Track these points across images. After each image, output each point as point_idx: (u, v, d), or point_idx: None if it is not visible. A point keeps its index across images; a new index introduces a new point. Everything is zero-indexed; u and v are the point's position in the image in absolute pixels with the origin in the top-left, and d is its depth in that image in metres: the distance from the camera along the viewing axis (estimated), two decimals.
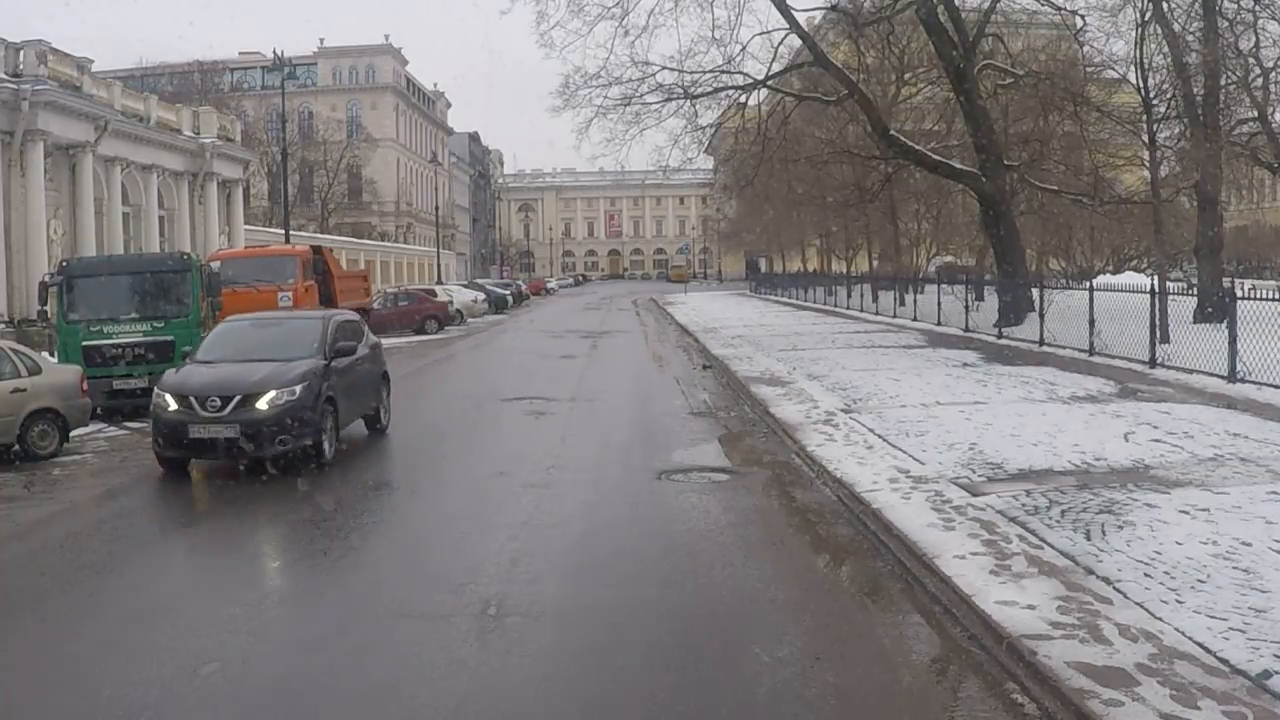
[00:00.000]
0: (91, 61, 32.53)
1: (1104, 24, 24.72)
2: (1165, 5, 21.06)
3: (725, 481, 10.27)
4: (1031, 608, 5.72)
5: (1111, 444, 10.19)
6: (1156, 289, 17.14)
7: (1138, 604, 5.73)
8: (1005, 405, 13.16)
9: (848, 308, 40.32)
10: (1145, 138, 21.89)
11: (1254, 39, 21.72)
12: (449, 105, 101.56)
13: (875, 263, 47.58)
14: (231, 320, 13.67)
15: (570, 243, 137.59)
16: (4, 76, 27.10)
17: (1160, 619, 5.49)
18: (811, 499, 9.39)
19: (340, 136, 69.99)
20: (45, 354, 15.70)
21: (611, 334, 33.69)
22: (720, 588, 6.98)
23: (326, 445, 11.29)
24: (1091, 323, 18.05)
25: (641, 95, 26.50)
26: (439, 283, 53.06)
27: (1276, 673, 4.78)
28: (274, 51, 39.53)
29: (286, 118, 45.31)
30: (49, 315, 17.39)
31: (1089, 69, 26.42)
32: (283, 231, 39.72)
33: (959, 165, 27.70)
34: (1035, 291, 22.17)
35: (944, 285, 29.06)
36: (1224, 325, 14.42)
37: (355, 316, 14.39)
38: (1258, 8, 21.19)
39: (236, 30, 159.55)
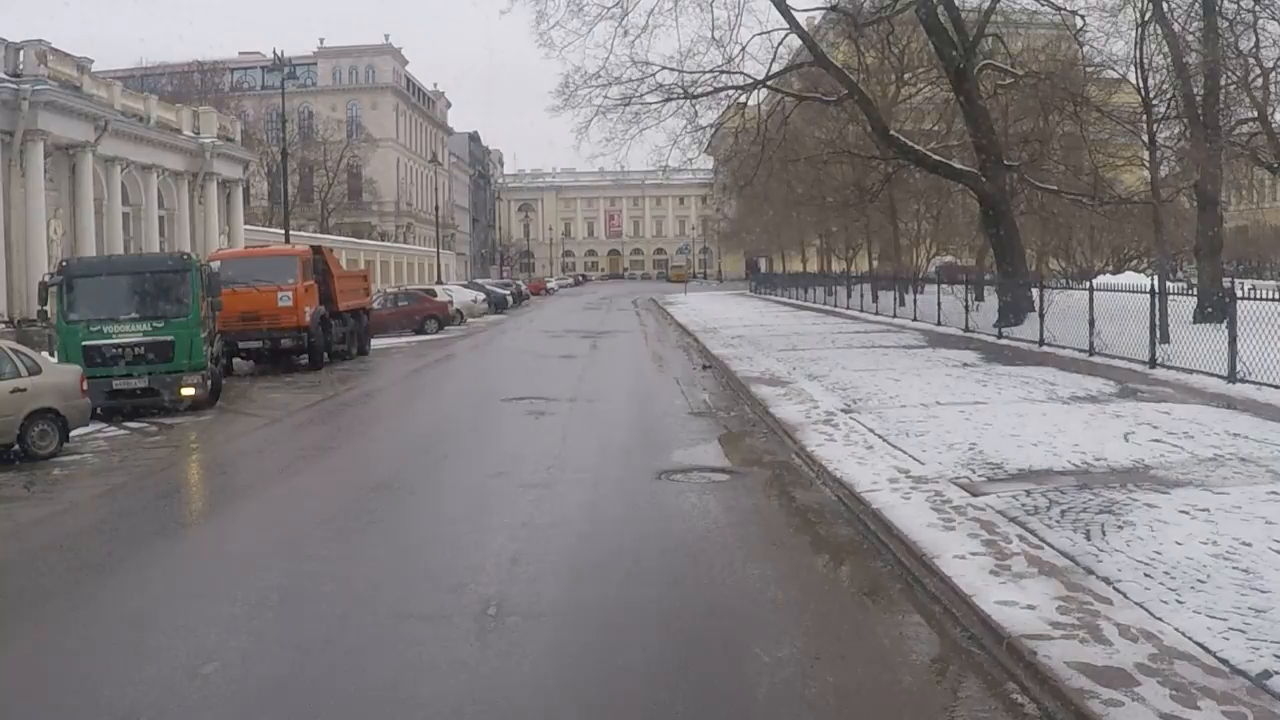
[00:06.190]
0: (91, 61, 32.49)
1: (1104, 24, 24.65)
2: (1165, 5, 21.04)
3: (725, 481, 10.26)
4: (1031, 608, 5.72)
5: (1111, 444, 10.18)
6: (1156, 289, 17.13)
7: (1138, 604, 5.73)
8: (1005, 405, 13.15)
9: (848, 308, 40.28)
10: (1145, 138, 21.89)
11: (1254, 39, 21.68)
12: (449, 105, 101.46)
13: (875, 263, 47.54)
14: None
15: (570, 243, 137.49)
16: (4, 76, 27.06)
17: (1160, 619, 5.48)
18: (811, 499, 9.38)
19: (340, 136, 69.83)
20: (45, 354, 15.70)
21: (611, 334, 33.67)
22: (720, 588, 6.98)
23: None
24: (1091, 323, 18.02)
25: (641, 95, 26.50)
26: (439, 283, 52.97)
27: (1276, 673, 4.78)
28: (274, 51, 39.43)
29: (286, 118, 45.28)
30: (49, 315, 17.36)
31: (1089, 69, 26.43)
32: (283, 231, 39.68)
33: (959, 165, 27.68)
34: (1035, 291, 22.13)
35: (944, 285, 29.01)
36: (1224, 325, 14.39)
37: None
38: (1258, 8, 21.14)
39: (236, 30, 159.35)
